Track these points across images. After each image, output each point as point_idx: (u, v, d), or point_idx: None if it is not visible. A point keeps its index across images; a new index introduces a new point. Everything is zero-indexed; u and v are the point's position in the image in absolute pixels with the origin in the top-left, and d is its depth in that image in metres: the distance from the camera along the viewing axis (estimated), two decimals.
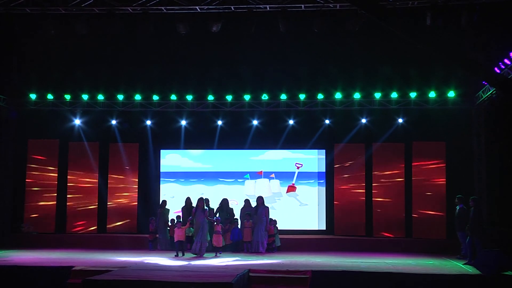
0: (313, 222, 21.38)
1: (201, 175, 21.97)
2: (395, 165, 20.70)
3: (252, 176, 21.70)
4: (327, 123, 21.09)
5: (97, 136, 21.76)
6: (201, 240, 17.04)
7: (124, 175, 21.68)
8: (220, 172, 21.94)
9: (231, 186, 21.72)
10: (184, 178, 21.98)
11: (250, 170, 21.81)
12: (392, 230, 20.32)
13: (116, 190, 21.62)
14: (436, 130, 20.18)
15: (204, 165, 22.03)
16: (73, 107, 21.31)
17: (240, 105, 20.88)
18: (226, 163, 22.01)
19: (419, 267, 14.99)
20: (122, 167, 21.68)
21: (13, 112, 20.89)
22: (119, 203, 21.53)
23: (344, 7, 14.63)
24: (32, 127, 21.42)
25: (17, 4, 14.81)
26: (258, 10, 14.77)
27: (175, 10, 15.06)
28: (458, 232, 16.76)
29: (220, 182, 21.85)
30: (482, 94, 18.44)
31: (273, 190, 21.46)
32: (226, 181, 21.85)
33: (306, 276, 13.48)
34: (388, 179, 20.73)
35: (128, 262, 15.38)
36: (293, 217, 21.29)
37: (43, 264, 14.87)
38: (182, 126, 21.61)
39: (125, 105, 21.18)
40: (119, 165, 21.69)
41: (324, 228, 21.21)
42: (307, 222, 21.38)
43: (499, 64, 16.11)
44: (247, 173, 21.73)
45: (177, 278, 12.35)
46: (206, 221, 17.21)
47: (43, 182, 21.41)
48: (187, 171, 22.00)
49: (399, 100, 20.13)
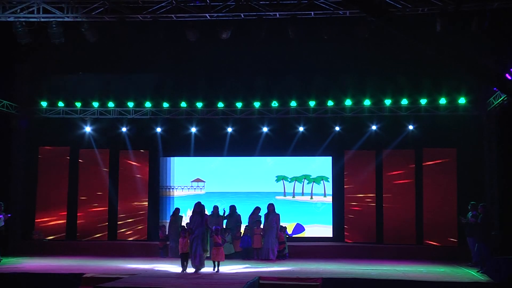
0: (321, 229, 21.36)
1: (210, 182, 21.97)
2: (406, 172, 20.62)
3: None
4: (337, 130, 21.04)
5: (108, 143, 21.82)
6: (199, 252, 15.02)
7: (134, 182, 21.71)
8: (229, 179, 21.94)
9: (241, 194, 21.70)
10: (194, 185, 21.99)
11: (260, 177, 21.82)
12: (402, 237, 20.21)
13: (126, 197, 21.64)
14: (447, 136, 20.11)
15: (214, 172, 22.05)
16: (84, 115, 21.40)
17: (250, 112, 20.88)
18: (235, 170, 21.99)
19: (430, 274, 14.92)
20: (132, 174, 21.71)
21: (24, 120, 20.99)
22: (130, 210, 21.55)
23: (354, 14, 14.62)
24: (44, 134, 21.53)
25: (28, 12, 14.88)
26: (267, 17, 14.79)
27: (185, 18, 15.10)
28: (468, 238, 16.82)
29: (238, 196, 21.71)
30: (493, 100, 18.34)
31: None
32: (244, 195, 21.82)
33: (317, 283, 13.46)
34: (398, 186, 20.66)
35: (138, 269, 15.39)
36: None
37: (54, 271, 14.89)
38: (192, 133, 21.62)
39: (135, 113, 21.24)
40: (129, 172, 21.73)
41: (331, 236, 21.19)
42: (315, 229, 21.37)
43: (510, 71, 16.06)
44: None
45: (187, 285, 12.35)
46: (205, 229, 15.21)
47: (54, 189, 21.49)
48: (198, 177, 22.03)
49: (409, 106, 20.07)
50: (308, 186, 21.79)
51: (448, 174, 20.26)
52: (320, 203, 21.65)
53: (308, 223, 21.44)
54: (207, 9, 14.77)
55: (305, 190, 21.79)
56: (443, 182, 20.25)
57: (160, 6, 14.82)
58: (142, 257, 18.62)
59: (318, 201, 21.70)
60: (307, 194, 21.77)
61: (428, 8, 14.04)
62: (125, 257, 18.44)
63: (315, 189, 21.74)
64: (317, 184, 21.72)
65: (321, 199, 21.68)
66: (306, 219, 21.51)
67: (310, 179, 21.79)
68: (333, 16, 14.68)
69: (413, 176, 20.57)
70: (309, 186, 21.77)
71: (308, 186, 21.78)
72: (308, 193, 21.77)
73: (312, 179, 21.79)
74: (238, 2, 14.56)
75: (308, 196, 21.76)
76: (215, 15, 14.83)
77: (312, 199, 21.74)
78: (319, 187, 21.72)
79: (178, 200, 21.79)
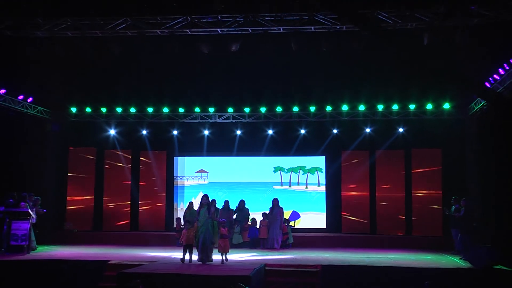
0: (315, 216, 21.34)
1: (222, 178, 21.96)
2: (396, 170, 20.59)
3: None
4: (335, 132, 21.03)
5: (130, 144, 21.88)
6: (207, 244, 14.02)
7: (153, 179, 21.76)
8: (238, 176, 21.92)
9: (249, 189, 21.68)
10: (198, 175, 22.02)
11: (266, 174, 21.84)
12: (393, 228, 20.21)
13: (146, 192, 21.69)
14: (433, 138, 20.07)
15: (225, 170, 22.05)
16: (108, 119, 21.47)
17: (257, 117, 20.89)
18: (244, 168, 21.98)
19: (418, 261, 14.93)
20: (151, 171, 21.76)
21: (57, 125, 21.08)
22: (149, 204, 21.60)
23: (350, 29, 14.62)
24: (73, 136, 21.61)
25: (60, 29, 14.94)
26: (272, 31, 14.80)
27: (199, 32, 15.11)
28: (452, 229, 16.86)
29: (239, 186, 21.78)
30: (474, 106, 18.37)
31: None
32: (245, 185, 21.81)
33: (317, 269, 13.48)
34: (390, 182, 20.64)
35: (157, 257, 15.43)
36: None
37: (82, 258, 14.99)
38: (205, 136, 21.62)
39: (154, 117, 21.28)
40: (149, 170, 21.80)
41: (324, 227, 21.17)
42: (310, 216, 21.36)
43: (489, 79, 16.05)
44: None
45: (200, 271, 12.39)
46: (210, 222, 14.12)
47: (82, 186, 21.58)
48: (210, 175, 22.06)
49: (399, 111, 20.04)
50: (303, 176, 21.77)
51: (434, 171, 20.25)
52: (315, 192, 21.62)
53: (303, 211, 21.37)
54: (219, 24, 14.79)
55: (301, 180, 21.75)
56: (430, 179, 20.23)
57: (176, 22, 14.84)
58: (161, 246, 18.64)
59: (313, 190, 21.66)
60: (303, 184, 21.74)
61: (416, 23, 14.01)
62: (145, 246, 18.50)
63: (310, 179, 21.72)
64: (312, 174, 21.69)
65: (315, 188, 21.64)
66: (302, 207, 21.42)
67: (305, 170, 21.76)
68: (331, 30, 14.68)
69: (403, 174, 20.54)
70: (304, 176, 21.75)
71: (303, 176, 21.77)
72: (303, 183, 21.74)
73: (307, 170, 21.75)
74: (246, 18, 14.57)
75: (304, 185, 21.74)
76: (225, 30, 14.84)
77: (307, 188, 21.70)
78: (314, 177, 21.69)
79: (181, 189, 21.91)
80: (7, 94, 17.97)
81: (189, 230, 14.37)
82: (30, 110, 19.59)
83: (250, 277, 11.48)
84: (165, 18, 14.77)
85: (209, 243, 14.00)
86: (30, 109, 19.55)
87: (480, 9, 13.40)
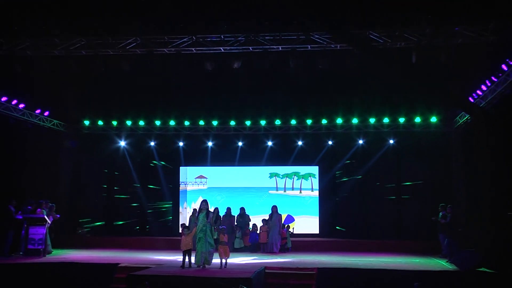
0: (308, 219, 21.33)
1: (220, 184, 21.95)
2: (387, 179, 20.66)
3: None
4: (330, 143, 21.11)
5: (139, 155, 21.95)
6: (207, 249, 13.47)
7: (160, 187, 21.83)
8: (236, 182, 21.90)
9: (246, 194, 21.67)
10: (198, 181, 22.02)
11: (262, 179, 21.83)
12: (385, 233, 20.22)
13: (154, 200, 21.75)
14: (421, 149, 20.18)
15: (223, 176, 22.05)
16: (119, 131, 21.57)
17: (257, 129, 20.97)
18: (241, 174, 21.98)
19: (407, 264, 14.93)
20: (159, 180, 21.82)
21: (74, 141, 21.20)
22: (157, 210, 21.65)
23: (343, 47, 14.67)
24: (86, 148, 21.67)
25: (75, 48, 15.03)
26: (272, 50, 14.87)
27: (203, 51, 15.17)
28: (440, 234, 16.87)
29: (236, 191, 21.75)
30: (459, 119, 18.49)
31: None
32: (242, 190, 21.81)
33: (313, 272, 13.47)
34: (381, 190, 20.69)
35: (164, 260, 15.43)
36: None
37: (94, 261, 15.03)
38: (209, 147, 21.70)
39: (161, 129, 21.37)
40: (156, 179, 21.84)
41: (317, 230, 21.16)
42: (304, 219, 21.34)
43: (473, 95, 16.15)
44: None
45: (204, 273, 12.39)
46: (208, 226, 13.60)
47: (95, 193, 21.70)
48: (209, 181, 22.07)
49: (390, 124, 20.13)
50: (297, 181, 21.75)
51: (422, 180, 20.30)
52: (308, 197, 21.60)
53: (297, 214, 21.36)
54: (222, 43, 14.85)
55: (295, 185, 21.73)
56: (418, 187, 20.29)
57: (182, 41, 14.90)
58: (167, 250, 18.62)
59: (306, 195, 21.65)
60: (297, 189, 21.73)
61: (405, 42, 14.09)
62: (153, 250, 18.47)
63: (304, 184, 21.69)
64: (305, 180, 21.69)
65: (309, 193, 21.63)
66: (296, 210, 21.42)
67: (299, 176, 21.77)
68: (326, 49, 14.74)
69: (393, 183, 20.60)
70: (299, 182, 21.74)
71: (297, 182, 21.75)
72: (297, 188, 21.72)
73: (301, 176, 21.76)
74: (247, 38, 14.63)
75: (298, 190, 21.71)
76: (228, 48, 14.90)
77: (301, 193, 21.68)
78: (307, 182, 21.67)
79: (183, 193, 21.98)
80: (25, 108, 18.18)
81: (187, 236, 13.70)
82: (47, 123, 19.70)
83: (251, 279, 11.50)
84: (172, 38, 14.84)
85: (208, 246, 13.46)
86: (46, 122, 19.66)
87: (463, 31, 13.50)
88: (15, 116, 17.95)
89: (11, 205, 16.12)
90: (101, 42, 14.95)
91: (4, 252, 15.75)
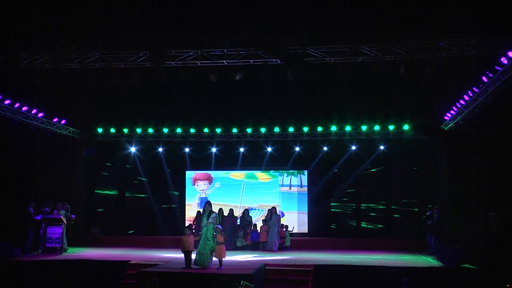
0: (298, 215, 21.25)
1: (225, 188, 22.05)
2: (378, 183, 20.72)
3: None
4: (325, 149, 21.18)
5: (147, 160, 22.02)
6: (209, 249, 12.64)
7: (168, 190, 21.88)
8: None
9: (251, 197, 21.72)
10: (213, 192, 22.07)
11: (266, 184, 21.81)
12: (376, 233, 20.26)
13: (162, 202, 21.80)
14: (409, 154, 20.23)
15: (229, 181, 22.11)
16: (130, 138, 21.66)
17: (258, 136, 21.06)
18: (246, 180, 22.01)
19: (397, 261, 14.95)
20: (166, 184, 21.88)
21: (91, 150, 21.29)
22: (165, 212, 21.69)
23: (338, 61, 14.72)
24: (99, 154, 21.75)
25: (90, 61, 15.13)
26: (271, 63, 14.93)
27: (207, 64, 15.24)
28: (427, 233, 16.90)
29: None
30: (444, 127, 18.49)
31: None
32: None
33: (310, 268, 13.47)
34: (372, 193, 20.75)
35: (171, 258, 15.42)
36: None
37: (107, 258, 15.03)
38: (213, 152, 21.77)
39: (169, 136, 21.46)
40: (164, 183, 21.90)
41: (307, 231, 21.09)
42: (294, 215, 21.25)
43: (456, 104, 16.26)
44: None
45: (207, 270, 12.39)
46: (211, 226, 12.73)
47: (107, 196, 21.72)
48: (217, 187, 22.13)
49: (380, 131, 20.21)
50: (287, 178, 21.66)
51: (410, 183, 20.35)
52: (297, 193, 21.48)
53: (287, 210, 21.31)
54: (224, 57, 14.92)
55: (285, 182, 21.63)
56: (407, 190, 20.35)
57: (188, 55, 14.97)
58: (175, 248, 18.56)
59: (296, 191, 21.46)
60: (286, 185, 21.69)
61: (394, 56, 14.16)
62: (162, 248, 18.45)
63: (293, 181, 21.59)
64: (295, 176, 21.62)
65: (298, 189, 21.51)
66: (286, 206, 21.34)
67: (289, 173, 21.71)
68: (322, 62, 14.82)
69: (384, 185, 20.66)
70: (288, 178, 21.67)
71: (287, 178, 21.65)
72: (287, 184, 21.68)
73: (290, 173, 21.68)
74: (248, 52, 14.71)
75: (287, 187, 21.68)
76: (230, 61, 14.99)
77: (291, 189, 21.62)
78: (296, 179, 21.58)
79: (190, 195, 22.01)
80: (44, 117, 18.28)
81: (188, 237, 12.93)
82: (63, 131, 19.79)
83: (252, 275, 11.52)
84: (179, 52, 14.92)
85: (208, 247, 12.61)
86: (63, 130, 19.75)
87: (447, 45, 13.60)
88: (35, 124, 18.08)
89: (30, 207, 16.19)
90: (113, 56, 15.05)
91: (25, 250, 15.83)
